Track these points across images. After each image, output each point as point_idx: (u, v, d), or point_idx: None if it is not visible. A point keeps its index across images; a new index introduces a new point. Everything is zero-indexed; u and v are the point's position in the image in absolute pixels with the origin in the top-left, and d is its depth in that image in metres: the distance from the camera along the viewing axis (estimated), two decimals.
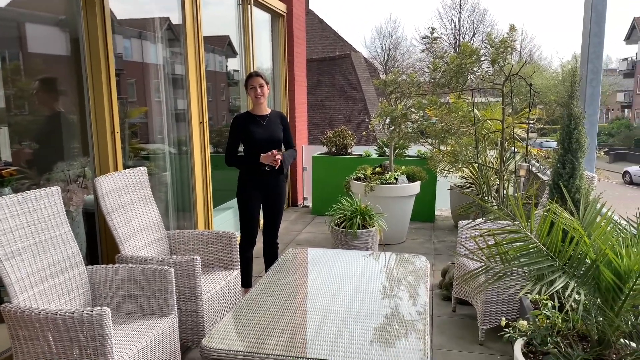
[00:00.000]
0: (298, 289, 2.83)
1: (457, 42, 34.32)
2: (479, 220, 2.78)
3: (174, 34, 4.81)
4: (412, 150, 6.80)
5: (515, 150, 4.54)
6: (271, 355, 2.02)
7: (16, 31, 3.96)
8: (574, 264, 2.02)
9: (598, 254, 2.00)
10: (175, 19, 4.73)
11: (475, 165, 4.32)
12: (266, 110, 3.86)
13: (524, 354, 2.21)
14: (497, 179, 4.26)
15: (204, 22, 4.79)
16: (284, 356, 2.01)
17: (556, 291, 1.96)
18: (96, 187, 3.13)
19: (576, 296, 1.95)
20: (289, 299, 2.64)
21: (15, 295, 2.39)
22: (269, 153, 3.65)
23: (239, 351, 2.04)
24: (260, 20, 6.54)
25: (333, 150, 6.93)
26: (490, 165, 4.87)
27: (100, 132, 3.45)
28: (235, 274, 3.49)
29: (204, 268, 3.51)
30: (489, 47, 4.09)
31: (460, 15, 35.77)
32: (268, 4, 6.40)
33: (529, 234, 2.05)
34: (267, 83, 3.77)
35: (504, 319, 2.31)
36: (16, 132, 4.49)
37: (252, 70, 3.82)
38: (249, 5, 5.83)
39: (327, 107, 17.59)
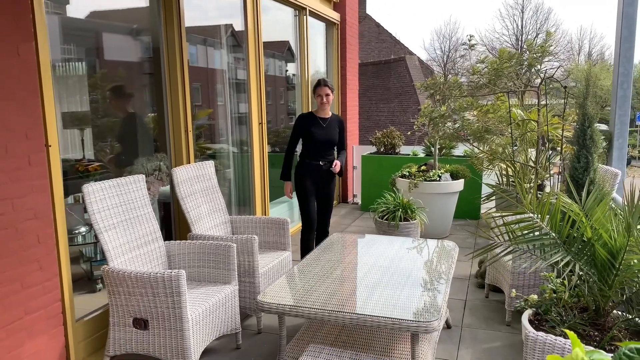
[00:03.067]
0: (338, 262, 3.28)
1: (519, 42, 33.49)
2: (492, 214, 3.12)
3: (236, 40, 5.37)
4: (459, 150, 7.06)
5: (556, 149, 4.77)
6: (312, 308, 2.49)
7: (105, 41, 4.63)
8: (572, 242, 2.34)
9: (594, 234, 2.32)
10: (238, 26, 5.28)
11: (511, 163, 4.60)
12: (328, 114, 4.31)
13: (530, 321, 2.54)
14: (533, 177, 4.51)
15: (266, 28, 5.32)
16: (321, 309, 2.47)
17: (562, 268, 2.29)
18: (173, 176, 3.71)
19: (578, 271, 2.28)
20: (330, 269, 3.10)
21: (111, 259, 3.00)
22: (336, 162, 4.23)
23: (286, 305, 2.53)
24: (315, 27, 7.05)
25: (382, 150, 7.32)
26: (526, 164, 5.10)
27: (176, 130, 4.04)
28: (287, 255, 3.99)
29: (260, 248, 4.04)
30: (529, 52, 4.38)
31: (522, 15, 34.91)
32: (322, 13, 6.91)
33: (532, 215, 2.39)
34: (332, 91, 4.25)
35: (514, 290, 2.65)
36: (101, 132, 5.22)
37: (320, 78, 4.23)
38: (305, 16, 6.35)
39: (381, 110, 17.93)
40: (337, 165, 4.18)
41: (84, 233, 4.44)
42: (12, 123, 2.43)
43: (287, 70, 7.13)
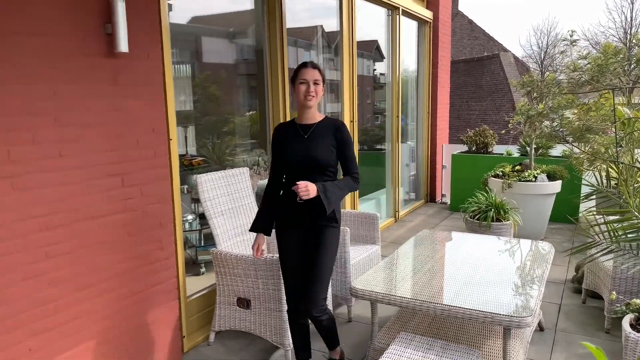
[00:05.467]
0: (429, 257, 3.35)
1: (627, 35, 30.88)
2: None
3: (327, 41, 5.57)
4: (557, 150, 6.77)
5: None
6: (404, 297, 2.60)
7: (208, 44, 5.00)
8: None
9: None
10: (328, 27, 5.47)
11: (615, 164, 4.37)
12: (314, 118, 2.64)
13: (631, 326, 2.47)
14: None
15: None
16: (414, 299, 2.58)
17: None
18: None
19: None
20: (421, 263, 3.18)
21: (219, 243, 3.30)
22: (297, 184, 2.42)
23: (379, 292, 2.66)
24: (407, 26, 7.09)
25: (473, 149, 7.20)
26: (633, 164, 4.80)
27: None
28: (376, 249, 4.12)
29: (351, 241, 4.19)
30: (638, 46, 4.15)
31: (632, 6, 32.11)
32: (415, 12, 6.93)
33: (633, 211, 2.32)
34: (324, 79, 2.63)
35: (614, 293, 2.58)
36: (204, 130, 5.64)
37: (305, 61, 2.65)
38: (398, 15, 6.42)
39: (473, 108, 17.43)
40: (299, 187, 2.40)
41: (190, 221, 4.86)
42: (142, 119, 2.78)
43: (374, 70, 7.23)
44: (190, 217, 4.84)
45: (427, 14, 7.39)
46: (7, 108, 2.17)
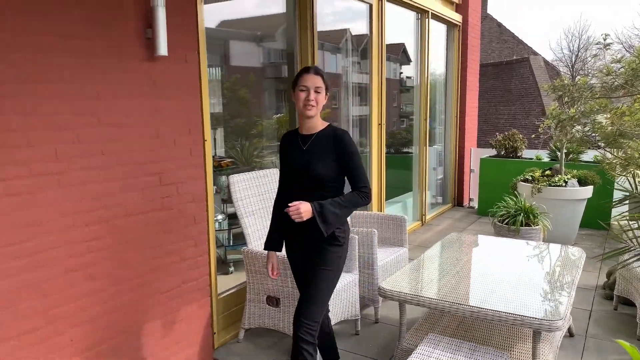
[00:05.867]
0: (458, 260, 3.35)
1: None
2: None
3: (353, 45, 5.61)
4: (588, 155, 6.65)
5: None
6: (433, 298, 2.62)
7: (238, 48, 5.09)
8: None
9: None
10: (355, 30, 5.50)
11: None
12: (314, 128, 2.43)
13: None
14: None
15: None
16: (442, 300, 2.60)
17: None
18: None
19: None
20: (449, 265, 3.19)
21: (250, 242, 3.37)
22: (289, 205, 2.27)
23: (408, 293, 2.69)
24: (436, 29, 7.08)
25: (502, 153, 7.13)
26: None
27: None
28: (403, 251, 4.13)
29: (378, 243, 4.22)
30: None
31: None
32: (445, 16, 6.92)
33: None
34: (327, 88, 2.42)
35: None
36: (233, 132, 5.73)
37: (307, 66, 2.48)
38: (427, 19, 6.43)
39: (501, 112, 17.21)
40: (290, 209, 2.25)
41: (220, 220, 4.96)
42: (179, 120, 2.87)
43: (401, 73, 7.23)
44: (220, 216, 4.94)
45: (457, 18, 7.37)
46: (56, 108, 2.28)
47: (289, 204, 2.26)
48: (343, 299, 3.35)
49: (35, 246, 2.25)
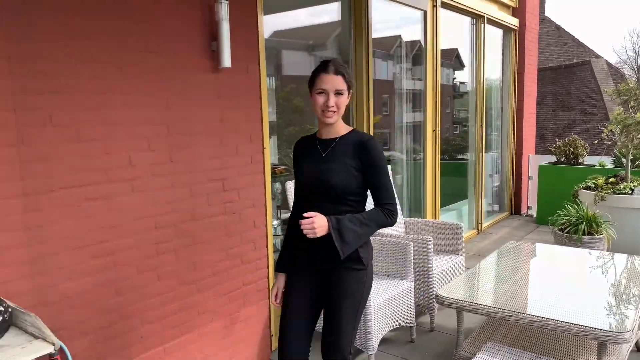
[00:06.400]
0: (517, 268, 3.29)
1: None
2: None
3: (406, 51, 5.60)
4: None
5: None
6: (492, 307, 2.60)
7: (294, 57, 5.19)
8: None
9: None
10: (406, 37, 5.49)
11: None
12: (336, 132, 2.14)
13: None
14: None
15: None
16: (502, 308, 2.56)
17: None
18: None
19: None
20: (509, 273, 3.14)
21: None
22: (305, 217, 1.95)
23: (466, 300, 2.67)
24: (492, 34, 6.96)
25: (562, 160, 6.90)
26: None
27: None
28: (460, 259, 4.08)
29: (433, 251, 4.19)
30: None
31: None
32: (501, 20, 6.80)
33: None
34: (350, 86, 2.10)
35: None
36: (287, 140, 5.85)
37: (325, 59, 2.10)
38: (482, 24, 6.34)
39: (560, 118, 16.58)
40: (303, 223, 1.94)
41: (275, 226, 5.08)
42: (241, 128, 3.00)
43: (454, 78, 7.15)
44: (275, 222, 5.06)
45: (513, 22, 7.22)
46: (131, 118, 2.45)
47: (304, 214, 1.95)
48: (398, 306, 3.36)
49: (111, 247, 2.42)
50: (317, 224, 1.92)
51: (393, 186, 2.12)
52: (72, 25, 2.20)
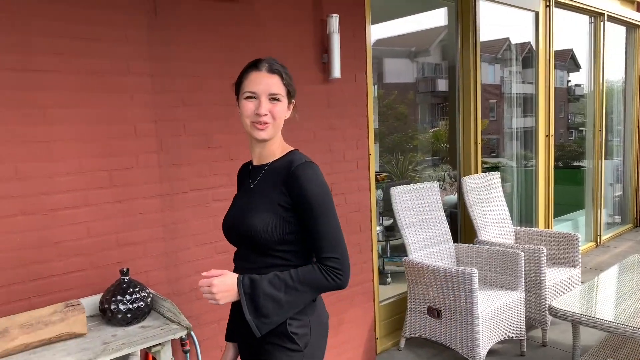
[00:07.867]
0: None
1: None
2: None
3: (515, 54, 5.38)
4: None
5: None
6: (614, 322, 2.44)
7: (396, 64, 5.23)
8: None
9: None
10: (515, 39, 5.27)
11: None
12: (271, 155, 1.57)
13: None
14: None
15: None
16: (625, 324, 2.40)
17: None
18: (462, 184, 4.02)
19: None
20: (632, 288, 2.91)
21: (411, 252, 3.47)
22: (205, 275, 1.41)
23: (582, 314, 2.54)
24: (613, 32, 6.45)
25: None
26: None
27: (466, 143, 4.33)
28: (576, 272, 3.85)
29: (547, 262, 3.99)
30: None
31: None
32: (623, 17, 6.29)
33: None
34: (290, 95, 1.56)
35: None
36: (389, 147, 5.89)
37: (259, 59, 1.54)
38: (602, 22, 5.92)
39: None
40: (204, 281, 1.39)
41: (378, 232, 5.14)
42: (348, 135, 3.11)
43: (569, 81, 6.73)
44: (378, 228, 5.12)
45: (638, 18, 6.63)
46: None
47: (203, 273, 1.42)
48: (507, 317, 3.26)
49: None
50: (217, 287, 1.37)
51: (340, 232, 1.47)
52: (201, 45, 2.46)
